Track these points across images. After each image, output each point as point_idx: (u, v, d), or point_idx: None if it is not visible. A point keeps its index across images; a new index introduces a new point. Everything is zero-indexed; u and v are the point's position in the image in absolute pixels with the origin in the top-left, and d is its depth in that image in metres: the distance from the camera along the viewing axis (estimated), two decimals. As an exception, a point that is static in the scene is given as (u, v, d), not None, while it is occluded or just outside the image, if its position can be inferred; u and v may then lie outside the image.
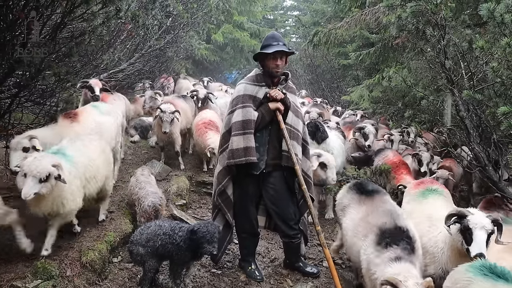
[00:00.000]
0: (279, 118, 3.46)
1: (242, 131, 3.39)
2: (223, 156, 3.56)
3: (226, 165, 3.49)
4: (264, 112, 3.45)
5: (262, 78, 3.54)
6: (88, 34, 3.25)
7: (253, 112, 3.42)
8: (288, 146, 3.44)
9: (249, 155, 3.35)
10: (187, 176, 5.94)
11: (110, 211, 4.29)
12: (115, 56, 6.77)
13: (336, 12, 12.94)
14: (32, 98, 3.81)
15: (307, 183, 3.60)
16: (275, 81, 3.56)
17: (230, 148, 3.43)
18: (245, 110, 3.42)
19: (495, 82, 3.88)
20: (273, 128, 3.54)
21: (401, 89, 5.98)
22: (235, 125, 3.42)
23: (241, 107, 3.45)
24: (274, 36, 3.52)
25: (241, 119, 3.41)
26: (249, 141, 3.37)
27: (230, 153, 3.42)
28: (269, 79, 3.53)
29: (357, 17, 8.44)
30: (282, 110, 3.48)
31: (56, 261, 3.18)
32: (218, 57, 16.95)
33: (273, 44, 3.40)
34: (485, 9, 3.51)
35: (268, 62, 3.45)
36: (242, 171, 3.51)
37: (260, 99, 3.48)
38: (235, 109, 3.48)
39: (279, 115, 3.46)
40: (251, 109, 3.43)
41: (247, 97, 3.47)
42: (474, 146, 4.38)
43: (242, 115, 3.42)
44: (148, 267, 3.08)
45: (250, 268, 3.71)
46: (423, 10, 4.46)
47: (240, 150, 3.37)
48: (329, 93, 15.21)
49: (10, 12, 2.97)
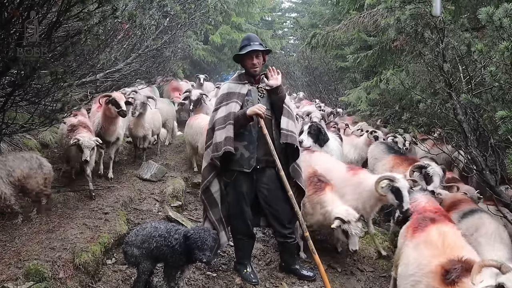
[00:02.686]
0: (261, 124, 3.48)
1: (223, 124, 3.51)
2: (207, 152, 3.68)
3: (210, 160, 3.58)
4: (239, 114, 3.50)
5: (244, 77, 3.72)
6: (84, 34, 3.20)
7: (236, 105, 3.54)
8: (272, 152, 3.44)
9: (227, 144, 3.43)
10: (183, 177, 5.91)
11: (104, 212, 4.25)
12: (112, 56, 6.71)
13: (334, 15, 12.98)
14: (27, 98, 3.75)
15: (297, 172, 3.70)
16: (256, 79, 3.70)
17: (214, 142, 3.55)
18: (228, 106, 3.57)
19: (493, 86, 3.87)
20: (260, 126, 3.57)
21: (398, 91, 5.97)
22: (218, 121, 3.58)
23: (224, 104, 3.61)
24: (249, 37, 3.70)
25: (223, 114, 3.55)
26: (228, 131, 3.47)
27: (214, 147, 3.53)
28: (251, 78, 3.69)
29: (355, 20, 8.45)
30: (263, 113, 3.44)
31: (48, 263, 3.14)
32: (215, 58, 16.93)
33: (248, 45, 3.57)
34: (484, 13, 3.50)
35: (245, 62, 3.63)
36: (233, 169, 3.55)
37: (244, 94, 3.60)
38: (219, 107, 3.64)
39: (261, 120, 3.47)
40: (233, 103, 3.56)
41: (231, 94, 3.63)
42: (471, 150, 4.37)
43: (225, 111, 3.56)
44: (142, 269, 3.04)
45: (245, 271, 3.68)
46: (422, 13, 4.45)
47: (222, 142, 3.47)
48: (327, 95, 15.24)
49: (5, 10, 2.93)
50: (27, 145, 5.44)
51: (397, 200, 3.72)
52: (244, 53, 3.55)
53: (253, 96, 3.63)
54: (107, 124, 5.13)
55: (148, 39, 7.67)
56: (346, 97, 10.18)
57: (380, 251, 4.38)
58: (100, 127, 5.15)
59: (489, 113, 3.96)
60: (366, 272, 4.07)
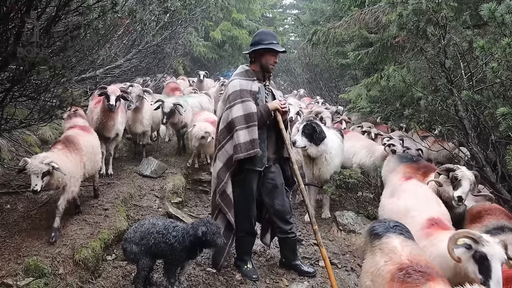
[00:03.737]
0: (278, 119, 3.49)
1: (246, 124, 3.38)
2: (223, 152, 3.53)
3: (234, 160, 3.41)
4: (262, 112, 3.46)
5: (252, 74, 3.60)
6: (83, 28, 3.18)
7: (253, 105, 3.44)
8: (287, 146, 3.49)
9: (255, 147, 3.37)
10: (183, 174, 5.90)
11: (104, 208, 4.25)
12: (112, 51, 6.71)
13: (335, 11, 12.91)
14: (26, 93, 3.73)
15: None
16: (266, 77, 3.65)
17: (236, 143, 3.38)
18: (245, 104, 3.42)
19: (495, 82, 3.86)
20: (270, 123, 3.58)
21: (399, 88, 5.95)
22: (238, 120, 3.40)
23: (240, 101, 3.43)
24: (270, 33, 3.61)
25: (242, 113, 3.40)
26: (254, 134, 3.38)
27: (237, 148, 3.37)
28: (260, 74, 3.60)
29: (356, 16, 8.41)
30: (282, 110, 3.51)
31: (48, 259, 3.13)
32: (216, 54, 16.89)
33: (273, 42, 3.49)
34: (486, 9, 3.48)
35: (268, 58, 3.52)
36: (245, 168, 3.50)
37: (255, 92, 3.52)
38: (233, 104, 3.44)
39: (279, 115, 3.50)
40: (250, 103, 3.43)
41: (244, 92, 3.47)
42: (472, 147, 4.36)
43: (243, 109, 3.41)
44: (141, 266, 3.04)
45: (245, 267, 3.68)
46: (424, 8, 4.43)
47: (248, 143, 3.36)
48: (327, 92, 15.21)
49: (3, 5, 2.91)
50: (26, 141, 5.43)
51: (481, 274, 2.45)
52: (270, 48, 3.46)
53: (262, 94, 3.59)
54: (105, 119, 5.10)
55: (148, 35, 7.65)
56: (346, 94, 10.15)
57: None
58: (99, 122, 5.12)
59: (490, 110, 3.95)
60: (366, 268, 4.06)
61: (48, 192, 4.32)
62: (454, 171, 3.76)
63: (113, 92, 4.93)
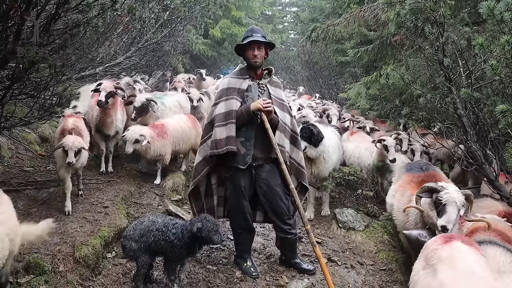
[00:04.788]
0: (263, 119, 3.46)
1: (224, 121, 3.47)
2: (203, 147, 3.65)
3: (208, 156, 3.56)
4: (243, 111, 3.46)
5: (245, 72, 3.65)
6: (83, 26, 3.18)
7: (236, 102, 3.49)
8: (274, 146, 3.44)
9: (229, 144, 3.41)
10: (182, 171, 5.91)
11: (104, 206, 4.26)
12: (111, 49, 6.71)
13: (335, 9, 12.89)
14: (26, 91, 3.73)
15: (301, 173, 3.79)
16: (258, 74, 3.64)
17: (213, 139, 3.50)
18: (228, 102, 3.51)
19: (494, 80, 3.87)
20: (260, 122, 3.52)
21: (398, 86, 5.95)
22: (218, 117, 3.51)
23: (224, 99, 3.54)
24: (252, 29, 3.64)
25: (223, 111, 3.50)
26: (231, 131, 3.43)
27: (213, 144, 3.48)
28: (252, 72, 3.63)
29: (356, 14, 8.40)
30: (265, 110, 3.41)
31: (48, 256, 3.15)
32: (215, 52, 16.84)
33: (250, 36, 3.52)
34: (485, 7, 3.48)
35: (246, 53, 3.55)
36: (230, 165, 3.54)
37: (243, 90, 3.55)
38: (218, 102, 3.58)
39: (263, 115, 3.45)
40: (233, 100, 3.50)
41: (231, 90, 3.56)
42: (471, 144, 4.37)
43: (225, 107, 3.50)
44: (141, 263, 3.05)
45: (245, 265, 3.69)
46: (422, 7, 4.42)
47: (223, 140, 3.43)
48: (327, 90, 15.22)
49: (3, 2, 2.91)
50: (26, 139, 5.44)
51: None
52: (245, 43, 3.48)
53: (253, 92, 3.59)
54: (103, 115, 5.11)
55: (148, 32, 7.65)
56: (345, 92, 10.16)
57: None
58: (98, 119, 5.13)
59: (489, 107, 3.95)
60: (366, 265, 4.08)
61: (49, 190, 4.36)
62: (438, 192, 3.07)
63: (104, 88, 4.93)
